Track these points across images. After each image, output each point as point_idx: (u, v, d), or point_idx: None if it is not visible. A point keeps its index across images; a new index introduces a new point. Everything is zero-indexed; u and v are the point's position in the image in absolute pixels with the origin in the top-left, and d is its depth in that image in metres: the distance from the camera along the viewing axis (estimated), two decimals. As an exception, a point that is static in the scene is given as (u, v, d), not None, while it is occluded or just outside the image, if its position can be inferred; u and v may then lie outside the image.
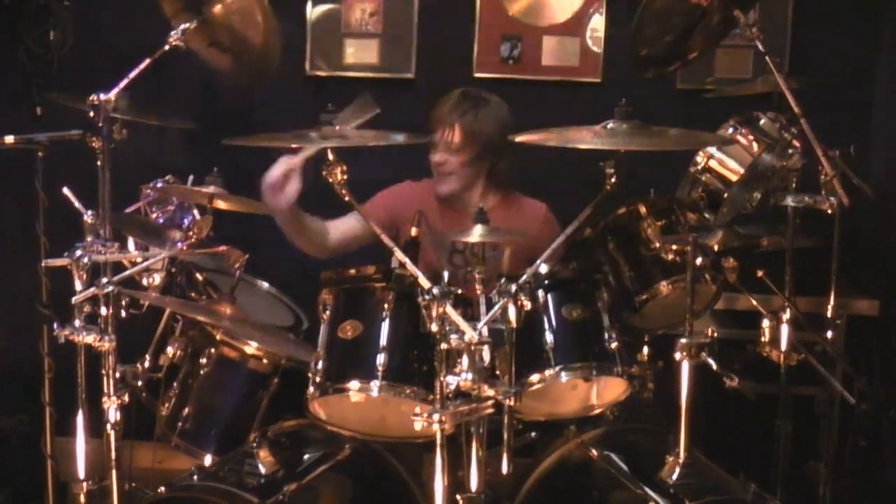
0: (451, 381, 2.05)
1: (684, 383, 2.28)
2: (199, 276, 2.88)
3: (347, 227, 3.08)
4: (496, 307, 2.14)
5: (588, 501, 2.65)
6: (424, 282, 2.14)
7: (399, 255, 2.22)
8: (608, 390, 2.50)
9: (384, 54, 3.88)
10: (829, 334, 2.77)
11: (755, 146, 2.60)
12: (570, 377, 2.39)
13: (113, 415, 2.32)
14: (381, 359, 2.31)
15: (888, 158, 3.58)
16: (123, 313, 2.34)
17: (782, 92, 2.57)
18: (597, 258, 2.64)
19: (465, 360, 2.05)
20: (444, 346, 2.07)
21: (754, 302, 2.70)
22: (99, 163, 2.41)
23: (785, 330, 2.58)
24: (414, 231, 2.52)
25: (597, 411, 2.55)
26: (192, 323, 2.76)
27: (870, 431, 2.77)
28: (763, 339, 2.61)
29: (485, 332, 2.07)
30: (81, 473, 2.46)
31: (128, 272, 2.37)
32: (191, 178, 2.77)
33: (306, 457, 2.59)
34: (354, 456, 2.59)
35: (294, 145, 2.32)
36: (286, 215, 2.84)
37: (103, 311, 2.29)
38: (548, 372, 2.35)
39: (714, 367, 2.28)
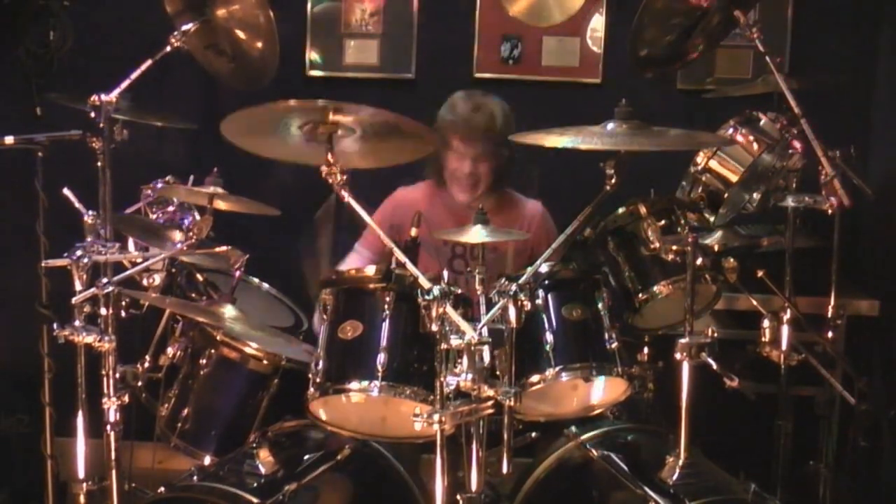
0: (451, 382, 2.05)
1: (684, 383, 2.28)
2: (199, 277, 2.88)
3: (353, 264, 3.10)
4: (496, 307, 2.14)
5: (588, 501, 2.65)
6: (424, 282, 2.14)
7: (399, 255, 2.22)
8: (608, 390, 2.50)
9: (384, 54, 3.88)
10: (830, 334, 2.78)
11: (755, 146, 2.60)
12: (570, 377, 2.39)
13: (113, 415, 2.33)
14: (381, 359, 2.31)
15: (888, 158, 3.58)
16: (123, 313, 2.35)
17: (782, 92, 2.57)
18: (597, 258, 2.64)
19: (465, 360, 2.05)
20: (444, 346, 2.07)
21: (754, 302, 2.70)
22: (99, 163, 2.41)
23: (785, 330, 2.58)
24: (413, 231, 2.52)
25: (597, 411, 2.55)
26: (192, 323, 2.76)
27: (870, 431, 2.77)
28: (763, 339, 2.61)
29: (485, 332, 2.07)
30: (81, 473, 2.46)
31: (128, 272, 2.37)
32: (191, 178, 2.77)
33: (306, 457, 2.58)
34: (354, 456, 2.59)
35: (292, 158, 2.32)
36: None
37: (103, 311, 2.30)
38: (548, 372, 2.35)
39: (714, 367, 2.28)
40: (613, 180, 2.22)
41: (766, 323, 2.60)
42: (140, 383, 2.50)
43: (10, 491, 3.42)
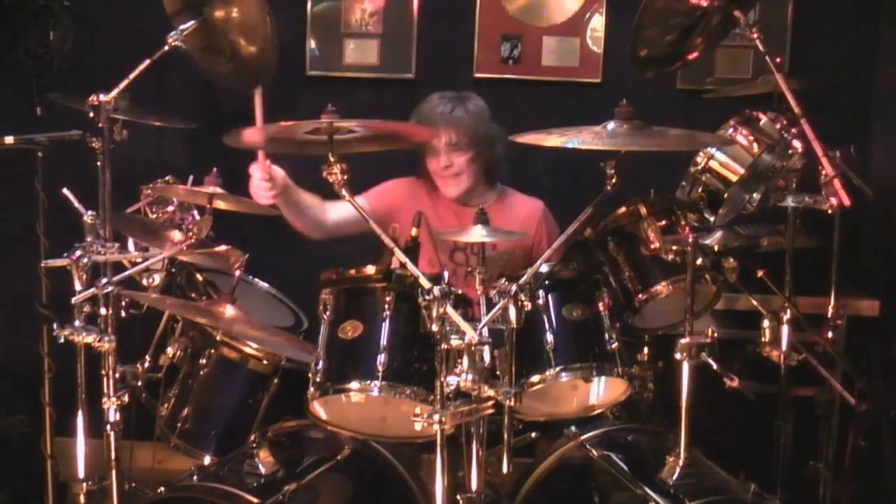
0: (452, 382, 2.05)
1: (684, 383, 2.28)
2: (198, 277, 2.88)
3: (346, 211, 3.07)
4: (496, 307, 2.14)
5: (588, 501, 2.64)
6: (425, 282, 2.14)
7: (399, 255, 2.22)
8: (608, 390, 2.50)
9: (384, 54, 3.88)
10: (830, 334, 2.77)
11: (755, 146, 2.60)
12: (570, 377, 2.39)
13: (112, 415, 2.33)
14: (381, 359, 2.31)
15: (888, 158, 3.58)
16: (123, 313, 2.35)
17: (782, 92, 2.56)
18: (597, 258, 2.64)
19: (465, 360, 2.05)
20: (444, 346, 2.07)
21: (754, 302, 2.70)
22: (99, 163, 2.41)
23: (785, 330, 2.58)
24: (414, 231, 2.52)
25: (597, 411, 2.55)
26: (192, 323, 2.76)
27: (870, 431, 2.77)
28: (763, 339, 2.60)
29: (485, 332, 2.07)
30: (81, 473, 2.46)
31: (128, 272, 2.37)
32: (191, 178, 2.77)
33: (306, 457, 2.58)
34: (354, 456, 2.59)
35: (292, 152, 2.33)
36: (282, 202, 2.89)
37: (103, 311, 2.30)
38: (548, 372, 2.36)
39: (714, 367, 2.28)
40: (613, 180, 2.22)
41: (766, 323, 2.60)
42: (140, 383, 2.50)
43: (10, 491, 3.42)
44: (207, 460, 2.70)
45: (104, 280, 2.27)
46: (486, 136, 3.04)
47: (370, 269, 2.45)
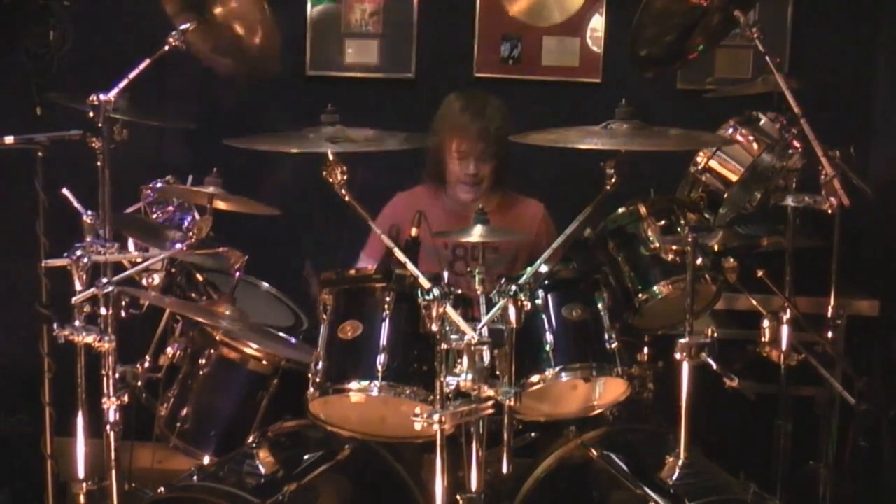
0: (451, 382, 2.05)
1: (684, 383, 2.28)
2: (199, 277, 2.88)
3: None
4: (496, 307, 2.14)
5: (588, 501, 2.65)
6: (424, 282, 2.14)
7: (399, 255, 2.22)
8: (608, 390, 2.50)
9: (384, 54, 3.88)
10: (830, 334, 2.77)
11: (755, 146, 2.60)
12: (570, 377, 2.39)
13: (113, 415, 2.33)
14: (381, 359, 2.31)
15: (888, 158, 3.58)
16: (123, 313, 2.35)
17: (782, 92, 2.57)
18: (597, 258, 2.64)
19: (464, 360, 2.05)
20: (444, 346, 2.07)
21: (754, 302, 2.70)
22: (99, 163, 2.41)
23: (785, 330, 2.58)
24: (414, 231, 2.52)
25: (597, 411, 2.55)
26: (192, 323, 2.76)
27: (870, 431, 2.77)
28: (763, 339, 2.61)
29: (485, 332, 2.07)
30: (81, 473, 2.46)
31: (128, 272, 2.38)
32: (190, 178, 2.77)
33: (306, 457, 2.59)
34: (354, 456, 2.59)
35: (294, 150, 2.33)
36: None
37: (103, 311, 2.30)
38: (548, 372, 2.36)
39: (714, 367, 2.28)
40: (613, 180, 2.22)
41: (765, 323, 2.60)
42: (140, 383, 2.50)
43: (10, 491, 3.42)
44: (207, 460, 2.69)
45: (104, 280, 2.28)
46: (507, 142, 3.00)
47: (370, 270, 2.45)
